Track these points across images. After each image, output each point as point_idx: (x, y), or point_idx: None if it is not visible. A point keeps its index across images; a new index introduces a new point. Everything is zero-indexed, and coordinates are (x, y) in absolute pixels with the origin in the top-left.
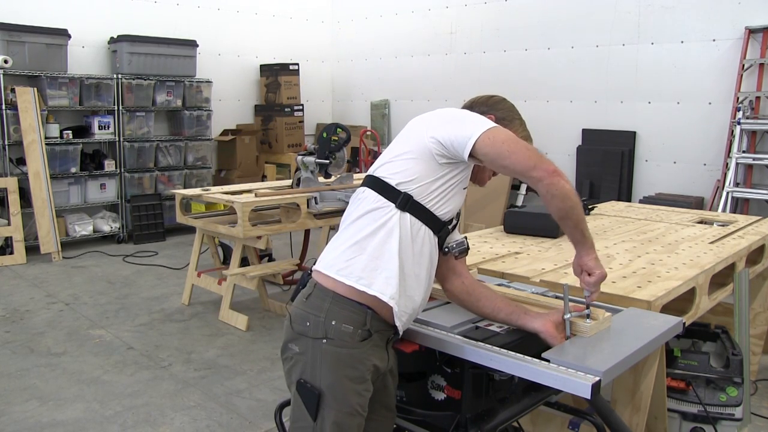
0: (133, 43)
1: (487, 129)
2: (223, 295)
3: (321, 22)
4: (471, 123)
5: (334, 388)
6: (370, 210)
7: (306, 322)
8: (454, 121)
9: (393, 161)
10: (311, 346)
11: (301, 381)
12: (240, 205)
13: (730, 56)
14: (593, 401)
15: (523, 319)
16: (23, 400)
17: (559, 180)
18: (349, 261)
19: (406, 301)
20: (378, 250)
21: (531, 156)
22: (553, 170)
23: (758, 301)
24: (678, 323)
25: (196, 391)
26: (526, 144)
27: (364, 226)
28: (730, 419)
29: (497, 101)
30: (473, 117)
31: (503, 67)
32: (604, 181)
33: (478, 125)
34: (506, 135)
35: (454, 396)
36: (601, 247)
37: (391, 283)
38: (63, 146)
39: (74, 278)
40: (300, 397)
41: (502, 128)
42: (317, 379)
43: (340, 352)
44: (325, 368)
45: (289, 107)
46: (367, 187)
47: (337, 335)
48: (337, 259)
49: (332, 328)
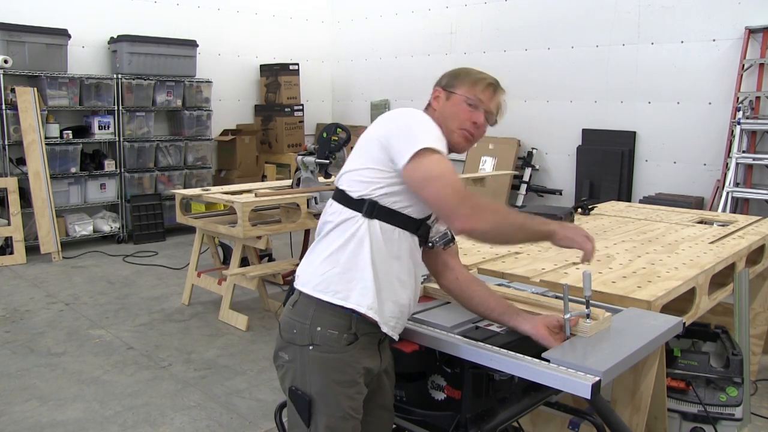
0: (133, 43)
1: (419, 150)
2: (223, 295)
3: (321, 22)
4: (410, 138)
5: (324, 393)
6: (340, 222)
7: (293, 330)
8: (398, 132)
9: (351, 172)
10: (299, 354)
11: (292, 388)
12: (240, 205)
13: (730, 56)
14: (593, 401)
15: (515, 320)
16: (23, 400)
17: (476, 223)
18: (324, 275)
19: (390, 306)
20: (351, 262)
21: (445, 207)
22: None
23: (758, 301)
24: (678, 323)
25: (196, 391)
26: (451, 181)
27: (335, 239)
28: (730, 419)
29: (454, 72)
30: (416, 129)
31: (503, 67)
32: (604, 181)
33: (414, 143)
34: (433, 165)
35: (454, 396)
36: (601, 247)
37: (367, 293)
38: (63, 146)
39: (74, 278)
40: (293, 404)
41: (437, 155)
42: (307, 386)
43: (328, 358)
44: (314, 374)
45: (289, 107)
46: (334, 200)
47: (323, 341)
48: (313, 274)
49: (318, 334)
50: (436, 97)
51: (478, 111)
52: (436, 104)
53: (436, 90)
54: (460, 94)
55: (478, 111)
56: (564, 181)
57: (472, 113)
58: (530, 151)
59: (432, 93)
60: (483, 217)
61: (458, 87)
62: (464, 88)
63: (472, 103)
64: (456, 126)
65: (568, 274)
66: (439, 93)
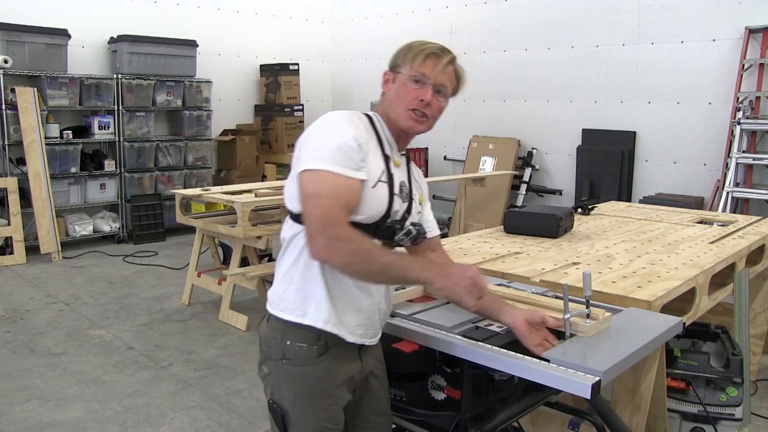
0: (133, 43)
1: (306, 170)
2: (223, 295)
3: (321, 22)
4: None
5: (297, 406)
6: (291, 238)
7: (269, 344)
8: (301, 147)
9: (287, 187)
10: (275, 367)
11: (270, 401)
12: (240, 205)
13: (730, 56)
14: (593, 401)
15: (497, 313)
16: (23, 400)
17: (329, 256)
18: (282, 295)
19: (351, 317)
20: (304, 278)
21: (310, 228)
22: (322, 248)
23: (758, 301)
24: (678, 323)
25: (196, 391)
26: (320, 204)
27: (289, 256)
28: (730, 419)
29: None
30: (312, 145)
31: (503, 67)
32: (604, 181)
33: (305, 160)
34: (312, 184)
35: (454, 396)
36: (601, 247)
37: (322, 308)
38: (63, 146)
39: (74, 278)
40: (272, 417)
41: (321, 173)
42: (282, 399)
43: (299, 371)
44: (287, 388)
45: (289, 107)
46: (288, 217)
47: (294, 354)
48: (272, 294)
49: (288, 348)
50: (385, 82)
51: (426, 87)
52: (386, 88)
53: (385, 74)
54: (404, 73)
55: (426, 87)
56: (564, 181)
57: (418, 90)
58: (530, 151)
59: (382, 78)
60: (337, 253)
61: (402, 66)
62: (407, 66)
63: (418, 79)
64: (403, 108)
65: (568, 274)
66: (388, 77)
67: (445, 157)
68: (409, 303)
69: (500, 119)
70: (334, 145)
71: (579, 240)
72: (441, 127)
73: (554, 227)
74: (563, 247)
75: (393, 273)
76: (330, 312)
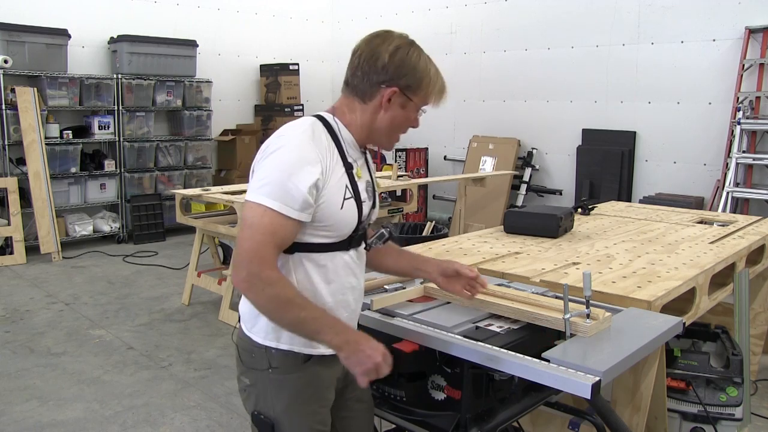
0: (133, 43)
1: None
2: (223, 295)
3: (321, 22)
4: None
5: (288, 414)
6: None
7: (251, 354)
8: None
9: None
10: (260, 378)
11: (254, 413)
12: (240, 205)
13: (730, 56)
14: (593, 401)
15: (414, 272)
16: (23, 400)
17: (247, 292)
18: (255, 317)
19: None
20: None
21: (238, 255)
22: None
23: (758, 301)
24: (678, 323)
25: (196, 391)
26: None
27: None
28: (730, 419)
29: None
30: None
31: (503, 67)
32: (604, 181)
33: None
34: (252, 218)
35: (454, 396)
36: (601, 247)
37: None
38: (63, 146)
39: (74, 278)
40: (257, 429)
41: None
42: (270, 409)
43: (288, 378)
44: (276, 397)
45: (289, 107)
46: None
47: (280, 363)
48: (246, 314)
49: (274, 357)
50: (389, 100)
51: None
52: (387, 106)
53: (391, 89)
54: (415, 102)
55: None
56: (564, 181)
57: (416, 119)
58: (530, 151)
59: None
60: (255, 292)
61: (416, 93)
62: (421, 96)
63: (424, 110)
64: (395, 134)
65: (568, 274)
66: (395, 97)
67: (445, 157)
68: (409, 303)
69: (500, 119)
70: (284, 179)
71: (579, 240)
72: (441, 127)
73: (554, 227)
74: (563, 247)
75: (305, 329)
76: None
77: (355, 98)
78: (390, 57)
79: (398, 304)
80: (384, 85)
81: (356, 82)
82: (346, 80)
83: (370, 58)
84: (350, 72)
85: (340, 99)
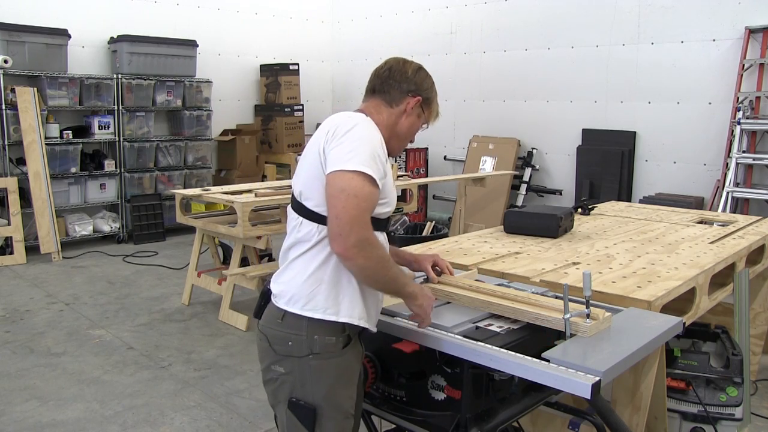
0: (133, 43)
1: (347, 171)
2: (223, 295)
3: (321, 22)
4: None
5: (330, 398)
6: (317, 242)
7: (288, 342)
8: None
9: (306, 187)
10: (298, 365)
11: (293, 400)
12: (240, 205)
13: (730, 56)
14: (593, 401)
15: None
16: (23, 400)
17: (354, 259)
18: (310, 294)
19: (375, 309)
20: (335, 278)
21: (343, 223)
22: (352, 246)
23: (758, 301)
24: (678, 323)
25: (196, 391)
26: (352, 207)
27: (315, 256)
28: (730, 419)
29: (424, 78)
30: (353, 145)
31: (503, 67)
32: (604, 181)
33: (345, 160)
34: (353, 186)
35: (454, 396)
36: (601, 247)
37: (356, 305)
38: (63, 146)
39: (74, 278)
40: (294, 416)
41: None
42: (309, 395)
43: (329, 364)
44: (318, 383)
45: (289, 107)
46: (303, 218)
47: (323, 348)
48: (298, 293)
49: (316, 343)
50: (413, 107)
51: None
52: (410, 112)
53: (416, 98)
54: (426, 116)
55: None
56: (564, 181)
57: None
58: (530, 151)
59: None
60: (365, 255)
61: (429, 109)
62: (430, 113)
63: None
64: (409, 138)
65: (568, 274)
66: (416, 106)
67: (445, 157)
68: None
69: (500, 119)
70: (370, 151)
71: (579, 240)
72: (441, 127)
73: (554, 227)
74: (563, 247)
75: (396, 284)
76: (362, 308)
77: (382, 103)
78: (415, 72)
79: (398, 304)
80: (411, 94)
81: (386, 88)
82: (374, 88)
83: (401, 71)
84: (379, 81)
85: (366, 103)
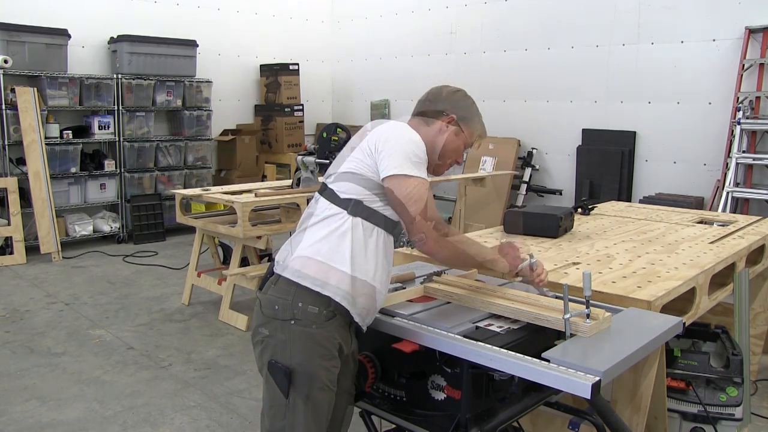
0: (133, 43)
1: (400, 174)
2: (223, 295)
3: (321, 22)
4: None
5: (305, 364)
6: (325, 217)
7: (275, 306)
8: (390, 149)
9: (345, 173)
10: (280, 328)
11: (272, 361)
12: (240, 205)
13: (730, 56)
14: (593, 401)
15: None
16: (23, 400)
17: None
18: (303, 264)
19: (362, 300)
20: (331, 253)
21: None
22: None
23: (758, 301)
24: (678, 323)
25: (196, 391)
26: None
27: (318, 231)
28: (730, 419)
29: (459, 98)
30: (406, 151)
31: (503, 67)
32: (604, 181)
33: (401, 165)
34: (418, 193)
35: (454, 396)
36: (601, 247)
37: (342, 284)
38: (63, 146)
39: (74, 278)
40: (271, 377)
41: (417, 179)
42: (288, 358)
43: (309, 331)
44: (296, 347)
45: (289, 107)
46: (321, 196)
47: (304, 316)
48: (293, 262)
49: (299, 309)
50: (448, 123)
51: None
52: (445, 130)
53: (450, 116)
54: (466, 135)
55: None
56: (564, 181)
57: (462, 153)
58: (530, 151)
59: (444, 115)
60: (447, 249)
61: (468, 127)
62: (471, 132)
63: (469, 147)
64: (450, 159)
65: (568, 274)
66: (453, 123)
67: None
68: (409, 303)
69: (500, 119)
70: (421, 155)
71: (579, 240)
72: None
73: (554, 227)
74: (563, 247)
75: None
76: (349, 289)
77: (421, 122)
78: (451, 94)
79: (398, 304)
80: (445, 113)
81: (424, 109)
82: (416, 112)
83: (437, 93)
84: (419, 105)
85: (410, 120)
